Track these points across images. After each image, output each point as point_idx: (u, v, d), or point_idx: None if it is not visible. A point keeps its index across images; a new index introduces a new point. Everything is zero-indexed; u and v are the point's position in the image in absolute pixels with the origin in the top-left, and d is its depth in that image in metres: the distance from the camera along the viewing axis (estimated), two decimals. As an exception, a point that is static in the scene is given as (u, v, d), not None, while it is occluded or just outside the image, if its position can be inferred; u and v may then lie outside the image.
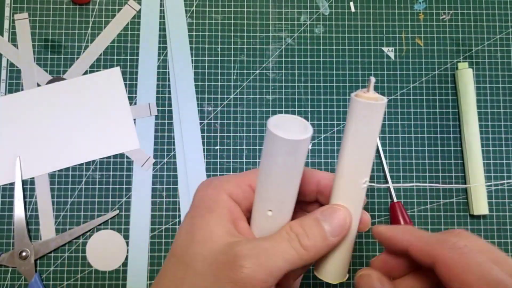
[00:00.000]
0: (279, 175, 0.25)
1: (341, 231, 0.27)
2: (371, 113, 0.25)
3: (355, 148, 0.26)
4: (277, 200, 0.27)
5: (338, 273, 0.29)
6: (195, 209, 0.28)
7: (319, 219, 0.27)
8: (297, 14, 0.49)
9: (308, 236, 0.26)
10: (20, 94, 0.47)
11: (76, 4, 0.48)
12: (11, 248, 0.45)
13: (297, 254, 0.26)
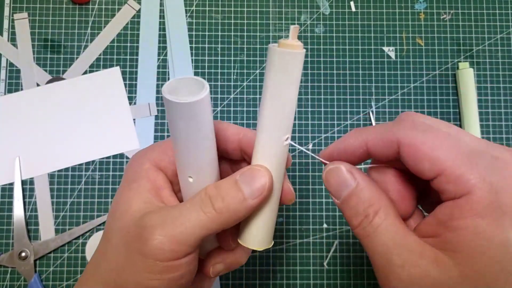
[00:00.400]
0: (186, 141, 0.24)
1: (260, 193, 0.25)
2: (288, 62, 0.24)
3: (273, 102, 0.25)
4: (194, 166, 0.26)
5: (262, 239, 0.28)
6: (121, 183, 0.28)
7: (238, 181, 0.25)
8: (297, 13, 0.49)
9: (222, 199, 0.25)
10: (20, 94, 0.47)
11: (75, 3, 0.48)
12: (11, 248, 0.45)
13: (209, 218, 0.24)
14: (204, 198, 0.25)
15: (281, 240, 0.46)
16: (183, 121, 0.23)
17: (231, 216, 0.25)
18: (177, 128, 0.24)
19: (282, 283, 0.45)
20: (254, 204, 0.25)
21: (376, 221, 0.23)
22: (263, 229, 0.27)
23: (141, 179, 0.27)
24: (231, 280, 0.45)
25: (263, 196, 0.25)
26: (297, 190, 0.46)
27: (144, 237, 0.24)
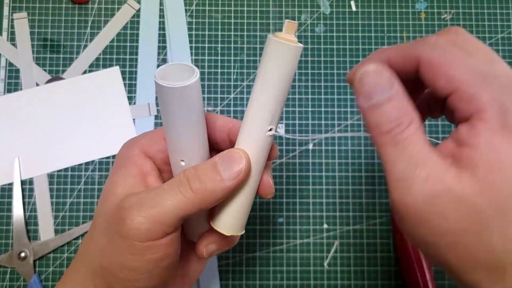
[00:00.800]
0: (177, 125, 0.25)
1: (237, 174, 0.26)
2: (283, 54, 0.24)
3: (263, 91, 0.25)
4: (186, 149, 0.26)
5: (234, 225, 0.28)
6: (112, 169, 0.29)
7: (217, 163, 0.26)
8: (297, 13, 0.49)
9: (200, 179, 0.25)
10: (19, 94, 0.47)
11: (75, 3, 0.48)
12: (10, 248, 0.44)
13: (185, 198, 0.25)
14: (183, 179, 0.26)
15: (281, 241, 0.45)
16: (175, 105, 0.24)
17: (208, 197, 0.25)
18: (169, 112, 0.25)
19: (282, 284, 0.45)
20: (232, 186, 0.26)
21: (409, 130, 0.22)
22: (234, 215, 0.28)
23: (128, 164, 0.27)
24: (231, 280, 0.45)
25: (239, 178, 0.26)
26: (297, 190, 0.46)
27: (122, 218, 0.25)
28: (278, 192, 0.46)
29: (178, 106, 0.24)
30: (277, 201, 0.46)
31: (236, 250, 0.45)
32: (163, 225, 0.24)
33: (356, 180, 0.46)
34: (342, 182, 0.46)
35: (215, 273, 0.44)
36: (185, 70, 0.24)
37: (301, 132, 0.47)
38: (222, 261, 0.45)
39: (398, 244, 0.44)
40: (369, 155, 0.47)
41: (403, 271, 0.44)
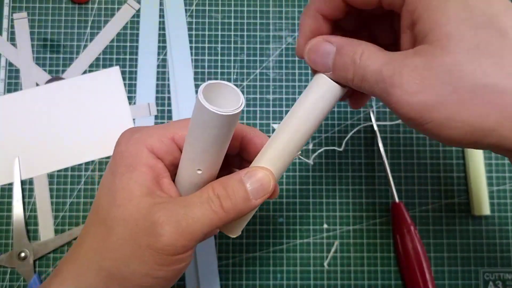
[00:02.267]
0: (210, 144, 0.25)
1: (264, 194, 0.27)
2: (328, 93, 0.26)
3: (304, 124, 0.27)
4: (207, 161, 0.27)
5: (240, 229, 0.30)
6: (116, 165, 0.27)
7: (243, 181, 0.26)
8: (297, 13, 0.49)
9: (230, 198, 0.26)
10: (19, 94, 0.47)
11: (75, 3, 0.48)
12: (10, 248, 0.44)
13: (217, 216, 0.26)
14: (213, 197, 0.26)
15: (281, 241, 0.45)
16: (214, 129, 0.24)
17: (237, 215, 0.26)
18: (206, 132, 0.24)
19: (282, 284, 0.45)
20: (257, 204, 0.27)
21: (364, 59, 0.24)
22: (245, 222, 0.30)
23: (141, 166, 0.27)
24: (231, 280, 0.45)
25: (265, 197, 0.27)
26: (297, 190, 0.46)
27: (155, 232, 0.25)
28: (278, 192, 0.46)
29: (217, 130, 0.24)
30: (277, 201, 0.46)
31: (236, 250, 0.45)
32: (194, 240, 0.25)
33: (356, 180, 0.46)
34: (342, 182, 0.46)
35: (215, 273, 0.44)
36: (229, 93, 0.25)
37: (301, 132, 0.47)
38: (222, 261, 0.45)
39: (398, 244, 0.44)
40: (369, 155, 0.47)
41: (403, 271, 0.44)
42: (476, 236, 0.46)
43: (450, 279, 0.45)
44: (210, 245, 0.45)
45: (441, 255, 0.45)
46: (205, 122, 0.24)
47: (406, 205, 0.46)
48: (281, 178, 0.46)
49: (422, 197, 0.46)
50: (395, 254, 0.45)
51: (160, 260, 0.25)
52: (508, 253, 0.45)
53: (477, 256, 0.46)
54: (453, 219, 0.46)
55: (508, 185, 0.47)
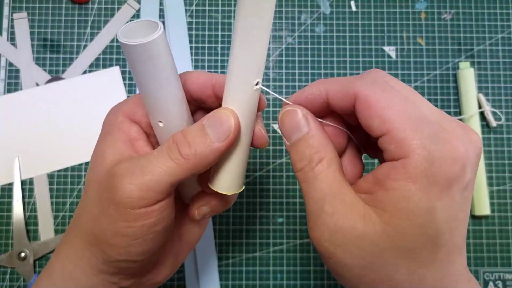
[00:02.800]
0: (148, 83, 0.24)
1: (227, 135, 0.25)
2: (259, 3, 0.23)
3: (243, 45, 0.24)
4: (161, 109, 0.26)
5: (231, 183, 0.27)
6: (98, 137, 0.28)
7: (204, 125, 0.25)
8: (297, 13, 0.49)
9: (189, 144, 0.25)
10: (19, 94, 0.47)
11: (75, 3, 0.48)
12: (10, 248, 0.44)
13: (176, 164, 0.25)
14: (171, 144, 0.25)
15: (281, 240, 0.45)
16: (141, 63, 0.23)
17: (199, 161, 0.25)
18: (137, 71, 0.24)
19: (282, 284, 0.45)
20: (222, 148, 0.25)
21: (318, 168, 0.24)
22: (232, 173, 0.27)
23: (115, 131, 0.27)
24: (231, 280, 0.45)
25: (230, 139, 0.25)
26: (297, 190, 0.46)
27: (113, 186, 0.24)
28: (278, 192, 0.46)
29: (144, 63, 0.23)
30: (277, 201, 0.46)
31: (236, 250, 0.45)
32: (155, 192, 0.24)
33: (356, 180, 0.46)
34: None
35: (215, 273, 0.44)
36: (151, 27, 0.23)
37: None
38: (222, 261, 0.45)
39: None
40: (369, 155, 0.47)
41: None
42: (476, 236, 0.46)
43: None
44: (210, 245, 0.45)
45: (441, 255, 0.45)
46: (130, 60, 0.23)
47: (406, 205, 0.46)
48: (281, 178, 0.46)
49: (422, 197, 0.46)
50: (395, 254, 0.45)
51: (123, 216, 0.24)
52: (508, 253, 0.45)
53: (477, 256, 0.46)
54: (453, 219, 0.46)
55: (508, 185, 0.47)
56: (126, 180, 0.24)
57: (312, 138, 0.24)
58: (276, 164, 0.46)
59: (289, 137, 0.25)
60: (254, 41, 0.24)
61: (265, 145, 0.28)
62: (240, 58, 0.24)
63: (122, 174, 0.25)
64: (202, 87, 0.28)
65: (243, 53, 0.24)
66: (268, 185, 0.46)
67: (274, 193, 0.46)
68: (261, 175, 0.46)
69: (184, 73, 0.28)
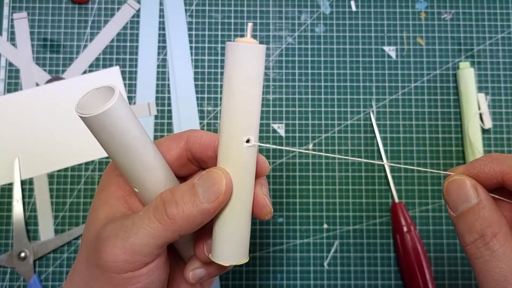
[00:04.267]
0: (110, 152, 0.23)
1: (217, 196, 0.23)
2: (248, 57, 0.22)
3: (230, 100, 0.23)
4: (132, 176, 0.25)
5: (231, 253, 0.25)
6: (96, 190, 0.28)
7: (195, 184, 0.24)
8: (297, 13, 0.49)
9: (176, 203, 0.23)
10: (19, 94, 0.47)
11: (75, 3, 0.48)
12: (10, 248, 0.44)
13: (162, 225, 0.23)
14: (159, 203, 0.24)
15: (281, 241, 0.45)
16: (98, 133, 0.22)
17: (186, 223, 0.23)
18: (98, 140, 0.23)
19: (282, 284, 0.45)
20: (211, 209, 0.23)
21: (493, 243, 0.22)
22: (229, 241, 0.25)
23: (110, 185, 0.26)
24: (231, 280, 0.45)
25: (220, 200, 0.23)
26: (297, 190, 0.46)
27: (99, 249, 0.23)
28: (278, 192, 0.46)
29: (100, 133, 0.22)
30: (277, 201, 0.46)
31: (236, 250, 0.45)
32: (140, 255, 0.23)
33: (356, 180, 0.46)
34: (342, 182, 0.46)
35: (215, 273, 0.44)
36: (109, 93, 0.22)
37: (301, 132, 0.47)
38: (222, 261, 0.45)
39: (398, 244, 0.44)
40: (369, 155, 0.47)
41: (403, 271, 0.44)
42: (476, 236, 0.46)
43: (450, 279, 0.45)
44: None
45: (441, 255, 0.45)
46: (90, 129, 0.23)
47: (406, 205, 0.46)
48: (281, 178, 0.46)
49: (422, 197, 0.46)
50: (395, 254, 0.45)
51: (110, 280, 0.23)
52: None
53: (477, 256, 0.45)
54: (453, 219, 0.46)
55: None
56: (110, 244, 0.23)
57: (483, 210, 0.22)
58: (276, 164, 0.46)
59: (455, 207, 0.23)
60: (242, 96, 0.23)
61: (269, 216, 0.26)
62: (227, 114, 0.23)
63: (107, 236, 0.23)
64: (204, 147, 0.26)
65: (230, 109, 0.23)
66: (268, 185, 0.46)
67: (274, 193, 0.46)
68: (261, 175, 0.46)
69: (188, 132, 0.27)
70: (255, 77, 0.23)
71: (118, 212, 0.25)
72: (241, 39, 0.23)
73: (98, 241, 0.23)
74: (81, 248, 0.26)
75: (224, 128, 0.24)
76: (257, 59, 0.23)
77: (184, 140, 0.27)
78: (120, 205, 0.26)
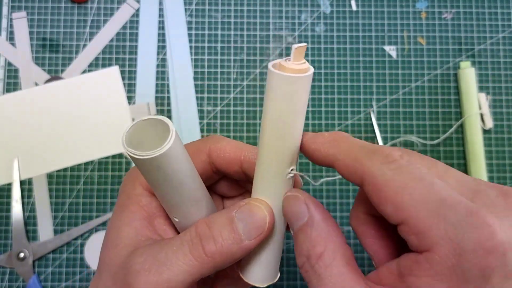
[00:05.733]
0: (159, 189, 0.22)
1: (260, 232, 0.22)
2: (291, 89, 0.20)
3: (274, 132, 0.21)
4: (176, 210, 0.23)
5: (265, 275, 0.25)
6: (114, 209, 0.26)
7: (234, 218, 0.22)
8: (297, 12, 0.48)
9: (214, 239, 0.22)
10: (18, 94, 0.46)
11: (74, 2, 0.48)
12: (9, 249, 0.44)
13: (199, 263, 0.22)
14: (194, 238, 0.22)
15: (281, 241, 0.45)
16: (150, 173, 0.21)
17: (225, 259, 0.22)
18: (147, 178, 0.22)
19: (282, 284, 0.45)
20: (252, 246, 0.22)
21: (318, 266, 0.20)
22: (264, 265, 0.24)
23: (133, 205, 0.25)
24: (231, 281, 0.45)
25: (262, 237, 0.23)
26: (297, 190, 0.46)
27: (129, 283, 0.22)
28: (278, 192, 0.46)
29: (153, 173, 0.21)
30: (277, 201, 0.46)
31: (236, 251, 0.45)
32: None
33: (357, 180, 0.46)
34: (342, 182, 0.46)
35: (215, 273, 0.44)
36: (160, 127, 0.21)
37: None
38: (222, 261, 0.45)
39: (398, 244, 0.44)
40: (370, 155, 0.46)
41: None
42: (476, 237, 0.46)
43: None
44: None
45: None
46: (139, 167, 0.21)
47: (407, 206, 0.46)
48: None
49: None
50: (396, 254, 0.45)
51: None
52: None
53: (477, 257, 0.45)
54: (454, 219, 0.46)
55: (509, 185, 0.46)
56: (142, 279, 0.21)
57: (310, 228, 0.21)
58: (276, 164, 0.46)
59: (292, 226, 0.22)
60: (286, 128, 0.21)
61: None
62: (271, 146, 0.22)
63: (137, 270, 0.22)
64: (229, 162, 0.25)
65: (274, 142, 0.22)
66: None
67: (274, 193, 0.46)
68: (261, 175, 0.46)
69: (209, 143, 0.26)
70: (303, 108, 0.21)
71: (143, 236, 0.24)
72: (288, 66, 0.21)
73: (128, 273, 0.22)
74: (104, 273, 0.24)
75: (266, 159, 0.22)
76: (306, 89, 0.21)
77: (206, 154, 0.26)
78: (145, 228, 0.24)
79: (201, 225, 0.22)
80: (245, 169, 0.25)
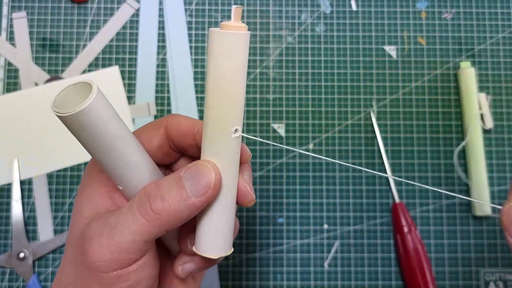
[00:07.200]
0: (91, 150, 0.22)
1: (206, 190, 0.23)
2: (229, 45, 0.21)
3: (216, 90, 0.22)
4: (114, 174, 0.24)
5: (215, 246, 0.24)
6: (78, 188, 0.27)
7: (182, 177, 0.23)
8: (297, 12, 0.48)
9: (162, 197, 0.22)
10: (18, 94, 0.46)
11: (74, 2, 0.48)
12: (9, 249, 0.44)
13: (147, 221, 0.22)
14: (143, 197, 0.23)
15: (281, 241, 0.45)
16: (76, 132, 0.21)
17: (173, 218, 0.22)
18: (77, 138, 0.22)
19: (282, 284, 0.45)
20: (199, 204, 0.23)
21: None
22: (216, 234, 0.24)
23: (94, 182, 0.25)
24: (231, 281, 0.45)
25: (209, 194, 0.23)
26: (297, 190, 0.46)
27: (85, 249, 0.23)
28: (278, 192, 0.46)
29: (79, 132, 0.21)
30: (277, 201, 0.46)
31: (236, 251, 0.45)
32: (127, 253, 0.22)
33: (356, 180, 0.46)
34: (342, 182, 0.46)
35: (215, 274, 0.44)
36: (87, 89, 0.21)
37: (301, 132, 0.47)
38: (222, 261, 0.45)
39: (398, 244, 0.44)
40: (369, 155, 0.46)
41: (404, 271, 0.44)
42: (477, 237, 0.46)
43: (451, 279, 0.45)
44: (210, 246, 0.45)
45: (441, 255, 0.45)
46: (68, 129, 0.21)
47: (407, 205, 0.46)
48: (281, 178, 0.46)
49: (422, 197, 0.46)
50: (396, 254, 0.45)
51: (97, 280, 0.22)
52: (509, 254, 0.45)
53: (478, 257, 0.45)
54: (454, 219, 0.46)
55: (509, 185, 0.46)
56: (96, 243, 0.22)
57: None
58: (276, 164, 0.46)
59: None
60: (228, 85, 0.22)
61: (251, 204, 0.25)
62: (214, 105, 0.22)
63: (91, 236, 0.23)
64: (183, 135, 0.26)
65: (216, 99, 0.22)
66: (268, 185, 0.46)
67: (274, 193, 0.46)
68: (261, 175, 0.46)
69: (167, 118, 0.27)
70: (242, 65, 0.22)
71: (102, 208, 0.25)
72: (227, 24, 0.22)
73: (83, 240, 0.23)
74: (67, 248, 0.25)
75: (210, 118, 0.23)
76: (244, 46, 0.22)
77: (164, 127, 0.26)
78: (104, 201, 0.25)
79: (149, 186, 0.23)
80: (198, 141, 0.25)
